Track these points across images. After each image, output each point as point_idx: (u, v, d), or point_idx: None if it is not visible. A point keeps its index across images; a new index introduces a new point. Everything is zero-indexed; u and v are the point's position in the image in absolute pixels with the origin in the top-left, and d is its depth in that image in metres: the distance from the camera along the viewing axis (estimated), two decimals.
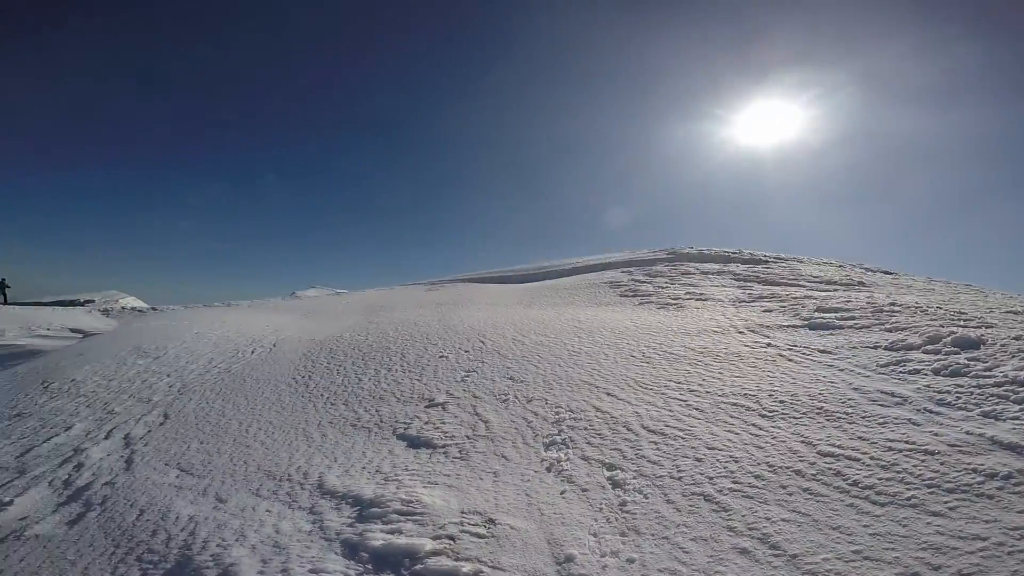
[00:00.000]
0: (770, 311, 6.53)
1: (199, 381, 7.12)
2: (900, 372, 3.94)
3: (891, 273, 9.65)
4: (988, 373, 3.62)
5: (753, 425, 3.54)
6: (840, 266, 10.28)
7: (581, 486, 3.23)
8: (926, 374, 3.80)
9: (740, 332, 5.75)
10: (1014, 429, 2.90)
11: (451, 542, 2.86)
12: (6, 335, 14.64)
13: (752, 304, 7.11)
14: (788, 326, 5.70)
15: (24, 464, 4.95)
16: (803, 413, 3.57)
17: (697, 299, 8.01)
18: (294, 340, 9.03)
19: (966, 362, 3.84)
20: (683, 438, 3.53)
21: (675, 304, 7.91)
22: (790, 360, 4.60)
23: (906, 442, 2.98)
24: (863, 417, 3.36)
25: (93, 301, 32.28)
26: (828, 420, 3.42)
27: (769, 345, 5.10)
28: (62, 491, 4.31)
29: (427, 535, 2.95)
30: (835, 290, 7.49)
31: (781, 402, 3.78)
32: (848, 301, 6.26)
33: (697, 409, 3.93)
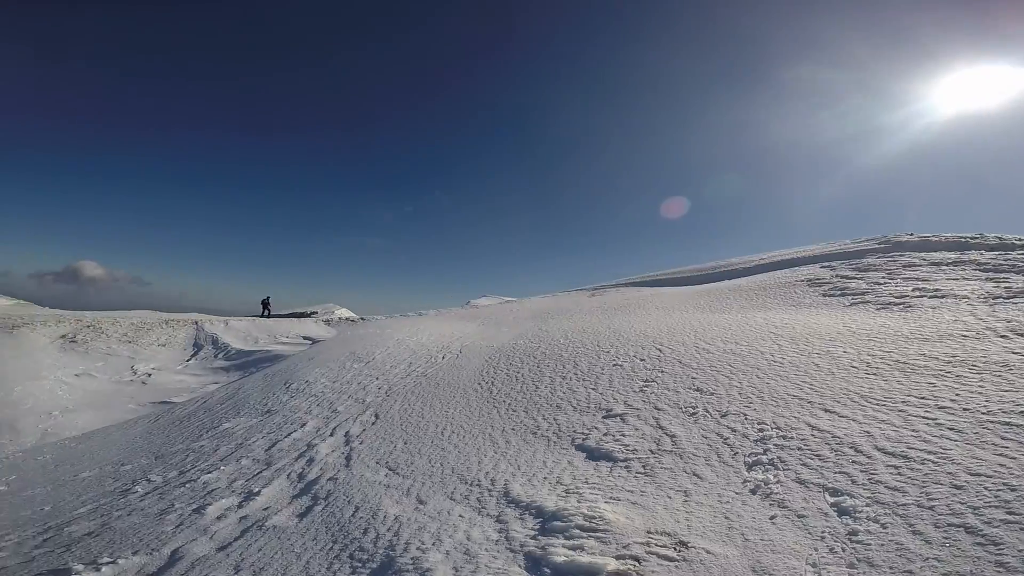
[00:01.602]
0: None
1: (402, 384, 7.97)
2: None
3: None
4: None
5: None
6: None
7: (796, 512, 2.80)
8: None
9: (1002, 336, 4.55)
10: None
11: (636, 563, 2.66)
12: (259, 342, 18.32)
13: (1014, 301, 5.62)
14: None
15: (271, 457, 5.92)
16: None
17: (931, 296, 6.58)
18: (476, 347, 9.64)
19: None
20: (934, 462, 2.87)
21: (900, 303, 6.60)
22: None
23: None
24: None
25: (316, 312, 38.94)
26: None
27: None
28: (296, 483, 4.98)
29: (610, 554, 2.79)
30: None
31: None
32: None
33: (952, 429, 3.17)
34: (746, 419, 4.07)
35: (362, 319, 23.36)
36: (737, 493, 3.13)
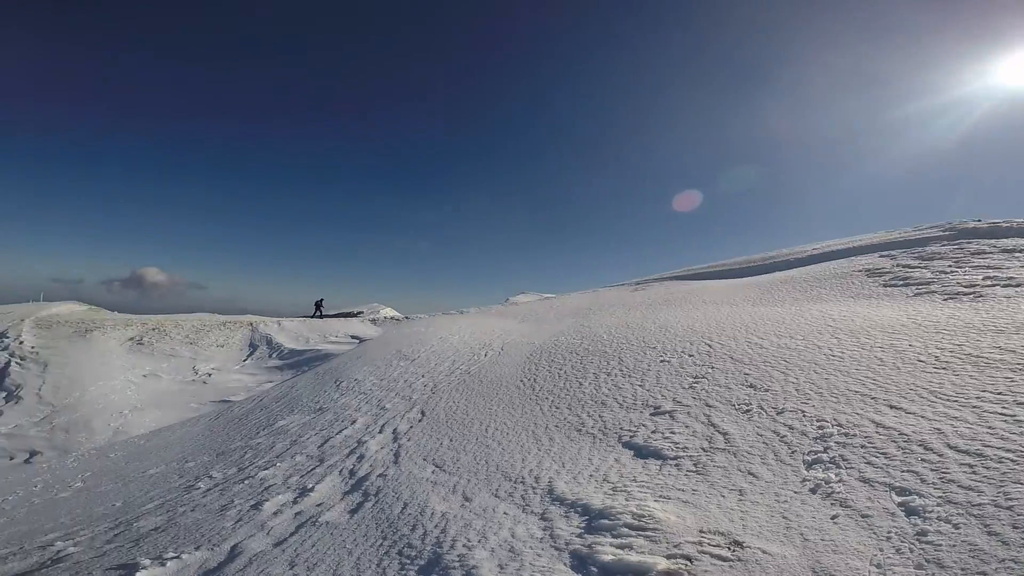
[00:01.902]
0: None
1: (446, 381, 8.07)
2: None
3: None
4: None
5: None
6: None
7: (860, 511, 2.65)
8: None
9: None
10: None
11: (688, 563, 2.57)
12: (310, 342, 18.96)
13: None
14: None
15: (323, 453, 6.08)
16: None
17: (1004, 285, 6.13)
18: (517, 344, 9.64)
19: None
20: (1013, 460, 2.68)
21: (970, 293, 6.18)
22: None
23: None
24: None
25: (363, 312, 39.91)
26: None
27: None
28: (348, 480, 5.08)
29: (660, 553, 2.70)
30: None
31: None
32: None
33: None
34: (804, 416, 3.89)
35: (406, 318, 23.80)
36: (796, 492, 2.99)
